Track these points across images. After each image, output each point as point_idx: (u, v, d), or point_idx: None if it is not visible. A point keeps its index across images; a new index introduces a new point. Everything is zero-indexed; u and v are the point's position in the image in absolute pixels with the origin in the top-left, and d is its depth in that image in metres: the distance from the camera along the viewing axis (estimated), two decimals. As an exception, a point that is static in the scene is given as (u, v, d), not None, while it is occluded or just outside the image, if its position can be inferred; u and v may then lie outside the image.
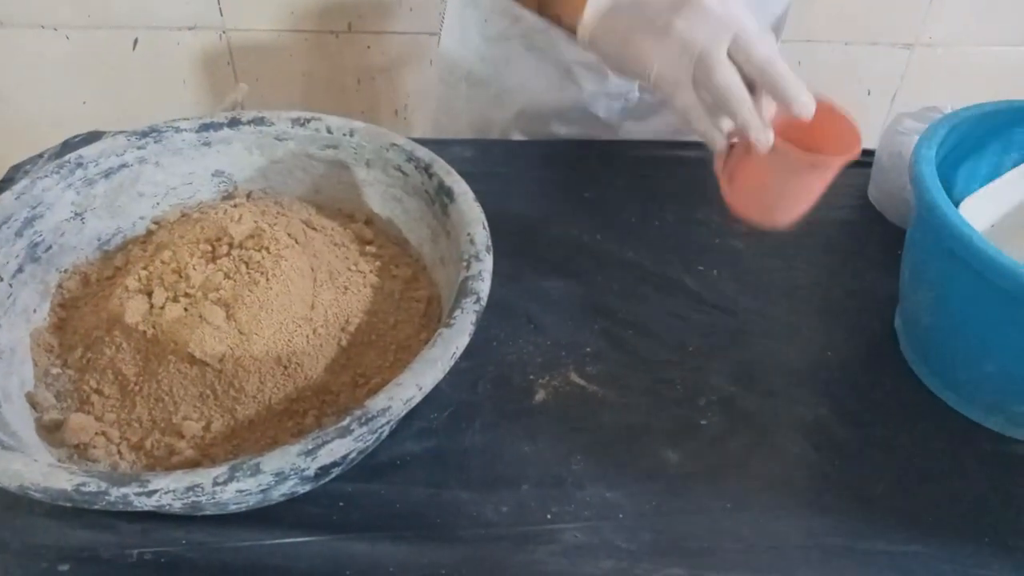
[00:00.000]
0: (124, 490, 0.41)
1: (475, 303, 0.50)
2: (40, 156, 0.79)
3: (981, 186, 0.60)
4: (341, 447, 0.43)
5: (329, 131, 0.64)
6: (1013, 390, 0.55)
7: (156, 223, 0.63)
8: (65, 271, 0.59)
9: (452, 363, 0.47)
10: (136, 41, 1.36)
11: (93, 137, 0.82)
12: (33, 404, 0.52)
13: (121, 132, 0.62)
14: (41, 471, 0.42)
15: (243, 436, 0.50)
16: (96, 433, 0.50)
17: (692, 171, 0.80)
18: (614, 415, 0.58)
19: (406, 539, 0.50)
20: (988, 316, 0.52)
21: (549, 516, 0.52)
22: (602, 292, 0.67)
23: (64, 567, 0.48)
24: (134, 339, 0.52)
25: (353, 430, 0.43)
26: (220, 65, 1.39)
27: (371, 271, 0.59)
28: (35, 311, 0.56)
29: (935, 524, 0.52)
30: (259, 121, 0.64)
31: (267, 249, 0.54)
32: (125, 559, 0.49)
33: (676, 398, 0.59)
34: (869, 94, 1.40)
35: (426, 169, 0.61)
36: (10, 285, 0.54)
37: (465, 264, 0.53)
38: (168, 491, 0.41)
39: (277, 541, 0.50)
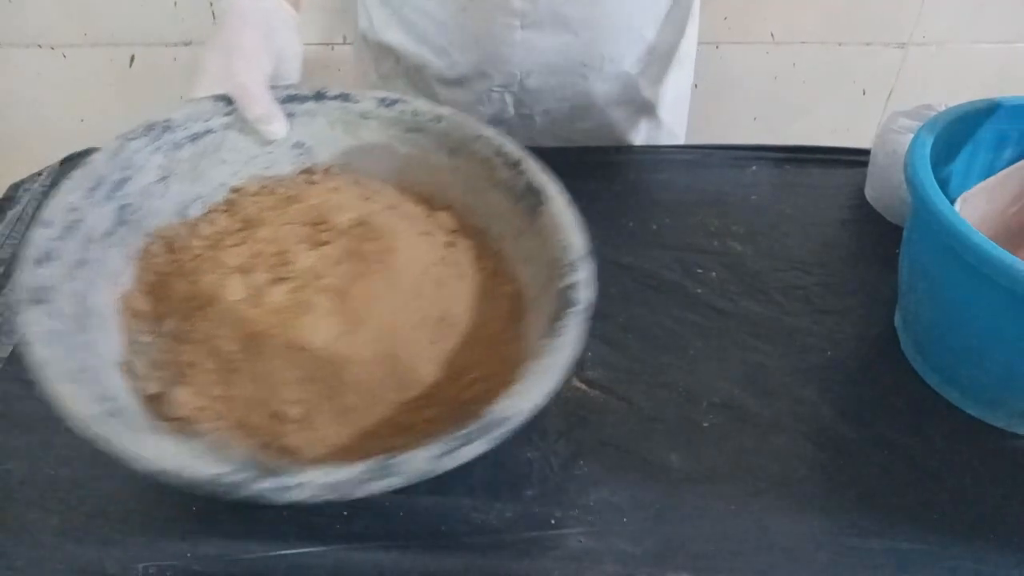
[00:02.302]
0: (265, 484, 0.40)
1: (581, 311, 0.51)
2: (39, 174, 0.80)
3: (976, 182, 0.60)
4: (475, 449, 0.43)
5: (415, 114, 0.63)
6: (1014, 386, 0.55)
7: (235, 191, 0.62)
8: (149, 236, 0.57)
9: (566, 374, 0.48)
10: (132, 58, 1.37)
11: (91, 154, 0.82)
12: (128, 373, 0.50)
13: (207, 96, 0.60)
14: (182, 457, 0.41)
15: (345, 424, 0.49)
16: (200, 408, 0.49)
17: (688, 174, 0.81)
18: (616, 419, 0.58)
19: (411, 548, 0.50)
20: (986, 312, 0.53)
21: (553, 521, 0.52)
22: (601, 296, 0.67)
23: (70, 583, 0.48)
24: (234, 318, 0.51)
25: (491, 432, 0.44)
26: (217, 80, 1.39)
27: (460, 263, 0.58)
28: (120, 275, 0.54)
29: (940, 521, 0.52)
30: (344, 97, 0.63)
31: (377, 239, 0.54)
32: (131, 574, 0.49)
33: (678, 401, 0.59)
34: (864, 94, 1.41)
35: (515, 165, 0.60)
36: (101, 247, 0.53)
37: (565, 270, 0.53)
38: (308, 484, 0.41)
39: (282, 552, 0.50)
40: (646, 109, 0.87)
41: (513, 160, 0.60)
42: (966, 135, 0.63)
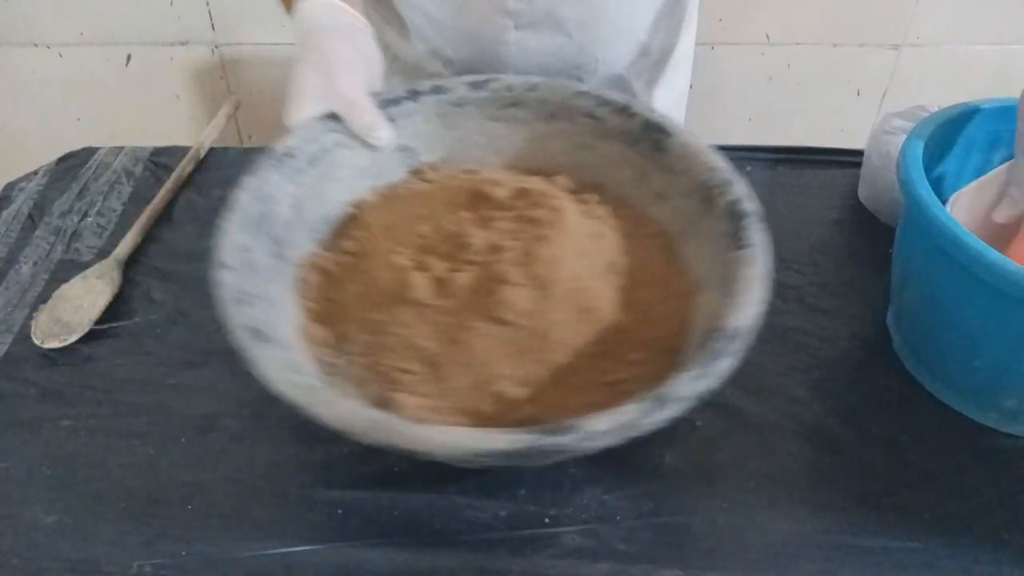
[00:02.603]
0: (563, 438, 0.42)
1: (756, 220, 0.53)
2: (35, 173, 0.80)
3: (968, 183, 0.61)
4: (726, 364, 0.46)
5: (509, 89, 0.65)
6: (1003, 385, 0.55)
7: (355, 205, 0.63)
8: (297, 266, 0.58)
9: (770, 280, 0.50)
10: (129, 57, 1.37)
11: (87, 154, 0.82)
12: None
13: (312, 118, 0.60)
14: (478, 436, 0.43)
15: (563, 382, 0.51)
16: (426, 408, 0.49)
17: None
18: (610, 418, 0.58)
19: (405, 546, 0.50)
20: (977, 312, 0.53)
21: (547, 520, 0.52)
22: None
23: (65, 581, 0.49)
24: (426, 314, 0.52)
25: (735, 347, 0.46)
26: (213, 79, 1.39)
27: (600, 216, 0.60)
28: (285, 307, 0.55)
29: (931, 520, 0.53)
30: (437, 90, 0.64)
31: (544, 203, 0.55)
32: (125, 572, 0.49)
33: (671, 400, 0.59)
34: (858, 95, 1.41)
35: (623, 111, 0.62)
36: (266, 282, 0.53)
37: (721, 189, 0.56)
38: (604, 432, 0.43)
39: (276, 551, 0.50)
40: None
41: (620, 106, 0.62)
42: (959, 136, 0.63)
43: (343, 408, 0.44)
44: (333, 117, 0.61)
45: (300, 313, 0.55)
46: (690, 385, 0.45)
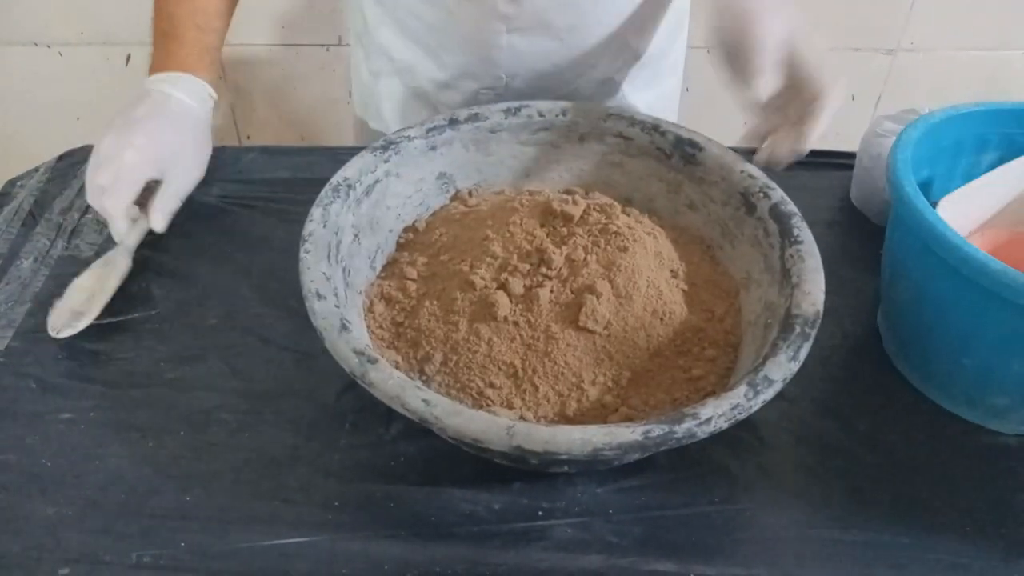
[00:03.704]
0: (685, 426, 0.45)
1: (800, 220, 0.58)
2: (36, 171, 0.81)
3: (958, 185, 0.61)
4: (808, 348, 0.50)
5: (541, 115, 0.67)
6: (990, 383, 0.56)
7: (405, 231, 0.65)
8: (361, 293, 0.59)
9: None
10: (129, 57, 1.38)
11: (87, 152, 0.83)
12: None
13: (363, 148, 0.63)
14: (604, 432, 0.45)
15: (647, 382, 0.53)
16: (519, 419, 0.51)
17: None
18: (603, 414, 0.59)
19: (401, 538, 0.51)
20: (965, 311, 0.54)
21: (540, 513, 0.53)
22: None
23: (64, 571, 0.49)
24: (510, 329, 0.54)
25: (812, 328, 0.51)
26: (212, 79, 1.40)
27: (645, 225, 0.62)
28: (363, 333, 0.56)
29: (920, 515, 0.53)
30: (475, 118, 0.66)
31: (618, 219, 0.58)
32: (124, 562, 0.50)
33: (664, 397, 0.60)
34: (853, 99, 1.42)
35: (655, 129, 0.65)
36: (346, 310, 0.54)
37: (763, 192, 0.60)
38: (719, 416, 0.46)
39: (273, 543, 0.51)
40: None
41: (651, 125, 0.66)
42: (948, 138, 0.64)
43: (480, 419, 0.46)
44: (385, 148, 0.63)
45: (369, 338, 0.56)
46: (786, 367, 0.48)
